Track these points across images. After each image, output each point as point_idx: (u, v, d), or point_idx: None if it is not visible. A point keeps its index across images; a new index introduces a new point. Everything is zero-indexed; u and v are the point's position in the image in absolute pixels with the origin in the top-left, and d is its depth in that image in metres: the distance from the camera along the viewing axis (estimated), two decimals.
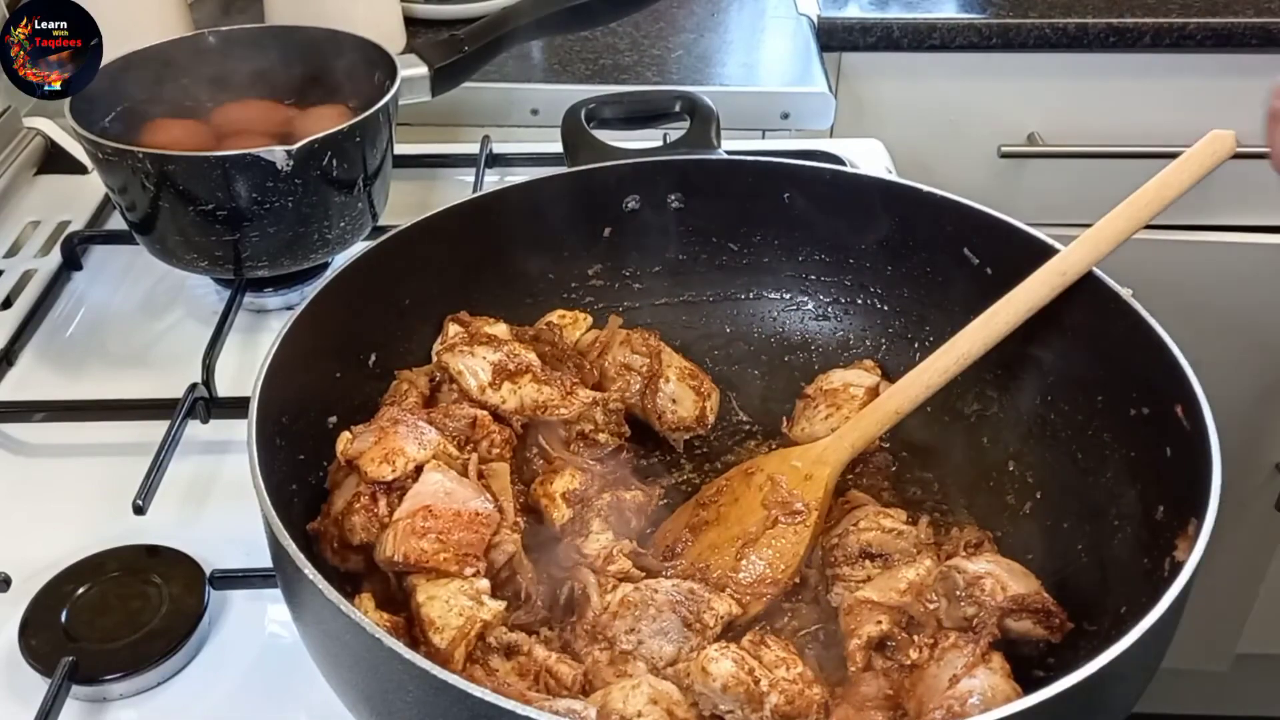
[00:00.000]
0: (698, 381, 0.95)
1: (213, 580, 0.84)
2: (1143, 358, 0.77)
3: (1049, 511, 0.84)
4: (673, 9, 1.74)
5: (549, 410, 0.86)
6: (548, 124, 1.43)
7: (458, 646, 0.68)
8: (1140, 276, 0.82)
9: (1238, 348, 1.82)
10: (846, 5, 1.77)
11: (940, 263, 0.94)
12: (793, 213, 0.98)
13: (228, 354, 1.06)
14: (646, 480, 0.91)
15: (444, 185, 1.37)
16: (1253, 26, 1.70)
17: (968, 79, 1.77)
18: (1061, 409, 0.86)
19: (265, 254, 1.08)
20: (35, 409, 1.02)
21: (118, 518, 0.88)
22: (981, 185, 1.76)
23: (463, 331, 0.90)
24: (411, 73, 1.17)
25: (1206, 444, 0.69)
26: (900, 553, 0.80)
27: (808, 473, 0.85)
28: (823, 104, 1.50)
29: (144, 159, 1.01)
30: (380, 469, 0.76)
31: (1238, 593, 2.13)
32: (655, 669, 0.71)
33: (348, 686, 0.66)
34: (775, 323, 1.02)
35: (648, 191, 0.99)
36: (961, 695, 0.67)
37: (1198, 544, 0.64)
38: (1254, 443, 1.97)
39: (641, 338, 0.94)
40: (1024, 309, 0.84)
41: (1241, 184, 1.66)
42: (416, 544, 0.72)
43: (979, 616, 0.72)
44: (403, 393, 0.87)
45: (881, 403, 0.87)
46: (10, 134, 1.39)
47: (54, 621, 0.80)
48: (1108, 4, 1.75)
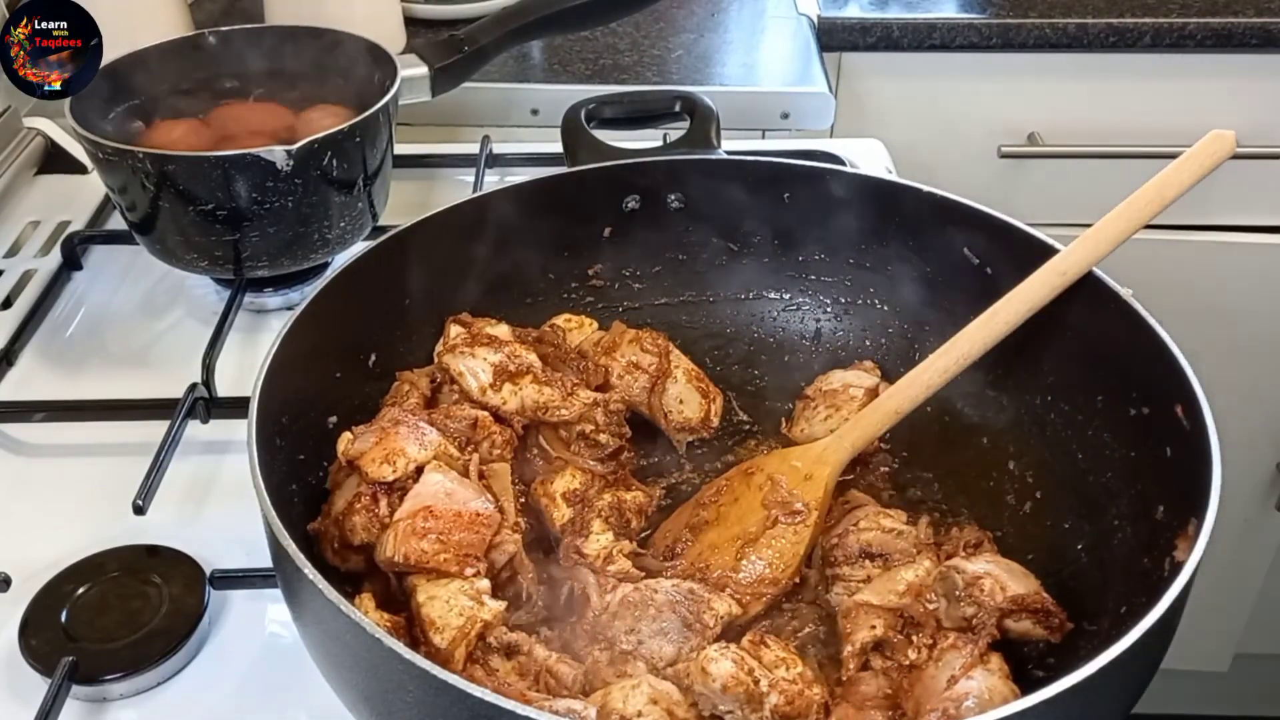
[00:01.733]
0: (704, 384, 0.95)
1: (213, 580, 0.84)
2: (1143, 358, 0.77)
3: (1049, 511, 0.84)
4: (673, 9, 1.74)
5: (550, 411, 0.86)
6: (548, 124, 1.43)
7: (458, 646, 0.68)
8: (1140, 276, 0.82)
9: (1238, 348, 1.82)
10: (846, 5, 1.77)
11: (940, 263, 0.94)
12: (793, 213, 0.98)
13: (228, 354, 1.06)
14: (647, 480, 0.91)
15: (444, 185, 1.37)
16: (1253, 26, 1.70)
17: (968, 79, 1.77)
18: (1061, 409, 0.86)
19: (265, 254, 1.08)
20: (35, 409, 1.02)
21: (118, 518, 0.88)
22: (981, 185, 1.76)
23: (464, 332, 0.90)
24: (411, 73, 1.17)
25: (1206, 444, 0.69)
26: (900, 553, 0.80)
27: (808, 473, 0.85)
28: (823, 104, 1.50)
29: (144, 159, 1.01)
30: (381, 469, 0.76)
31: (1238, 593, 2.13)
32: (655, 669, 0.71)
33: (348, 686, 0.66)
34: (775, 323, 1.02)
35: (648, 191, 0.99)
36: (958, 697, 0.67)
37: (1198, 544, 0.64)
38: (1254, 443, 1.97)
39: (650, 337, 0.94)
40: (1024, 309, 0.84)
41: (1241, 184, 1.66)
42: (417, 544, 0.72)
43: (978, 617, 0.72)
44: (404, 394, 0.87)
45: (881, 403, 0.87)
46: (10, 134, 1.39)
47: (54, 621, 0.80)
48: (1108, 4, 1.75)
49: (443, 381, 0.88)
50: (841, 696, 0.71)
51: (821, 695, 0.69)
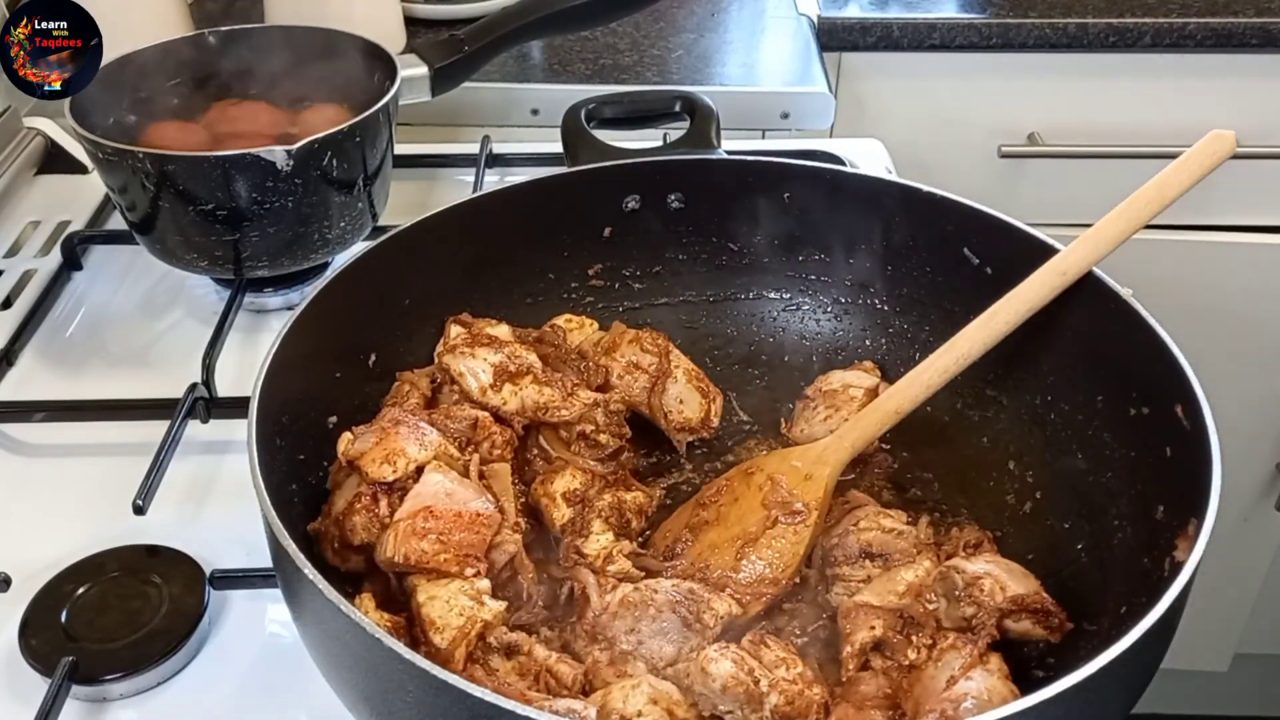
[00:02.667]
0: (704, 384, 0.95)
1: (213, 580, 0.84)
2: (1143, 358, 0.77)
3: (1049, 511, 0.84)
4: (673, 9, 1.74)
5: (550, 412, 0.86)
6: (548, 124, 1.43)
7: (458, 646, 0.68)
8: (1140, 276, 0.82)
9: (1238, 348, 1.83)
10: (846, 5, 1.77)
11: (940, 263, 0.94)
12: (793, 213, 0.98)
13: (228, 354, 1.06)
14: (647, 480, 0.91)
15: (444, 185, 1.37)
16: (1253, 26, 1.70)
17: (968, 79, 1.77)
18: (1061, 409, 0.86)
19: (265, 254, 1.08)
20: (35, 409, 1.02)
21: (118, 518, 0.88)
22: (981, 185, 1.76)
23: (464, 333, 0.90)
24: (411, 73, 1.17)
25: (1206, 444, 0.69)
26: (900, 553, 0.80)
27: (808, 473, 0.85)
28: (823, 104, 1.50)
29: (144, 159, 1.01)
30: (381, 469, 0.76)
31: (1238, 593, 2.13)
32: (655, 669, 0.71)
33: (348, 686, 0.66)
34: (775, 323, 1.02)
35: (648, 191, 0.99)
36: (957, 698, 0.67)
37: (1198, 544, 0.64)
38: (1254, 443, 1.97)
39: (650, 337, 0.94)
40: (1024, 309, 0.84)
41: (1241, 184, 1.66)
42: (417, 545, 0.72)
43: (978, 617, 0.72)
44: (404, 394, 0.87)
45: (881, 403, 0.87)
46: (10, 134, 1.39)
47: (54, 621, 0.80)
48: (1108, 4, 1.75)
49: (443, 382, 0.88)
50: (841, 696, 0.71)
51: (821, 695, 0.69)
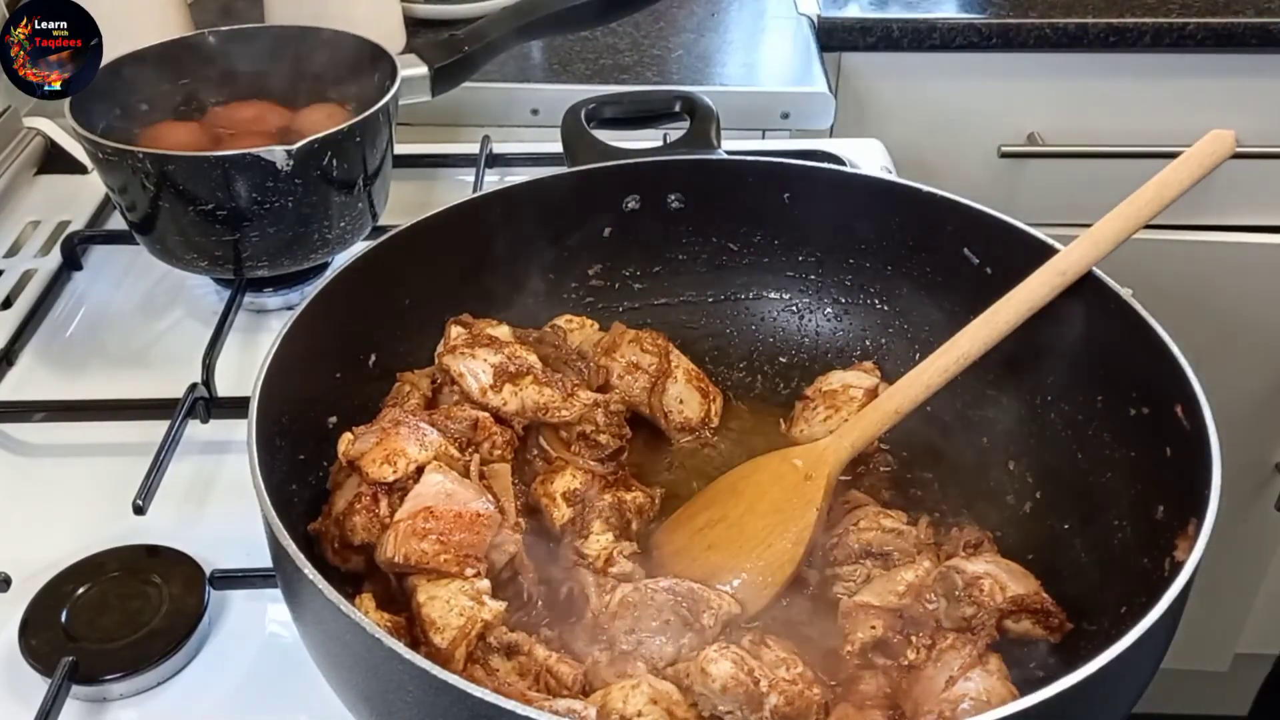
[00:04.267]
0: (704, 384, 0.95)
1: (213, 580, 0.84)
2: (1143, 358, 0.77)
3: (1049, 511, 0.84)
4: (673, 9, 1.74)
5: (550, 412, 0.86)
6: (548, 124, 1.43)
7: (458, 646, 0.68)
8: (1140, 276, 0.82)
9: (1238, 348, 1.82)
10: (846, 5, 1.77)
11: (940, 263, 0.94)
12: (793, 213, 0.98)
13: (228, 354, 1.06)
14: (647, 480, 0.91)
15: (444, 185, 1.37)
16: (1253, 26, 1.70)
17: (968, 79, 1.77)
18: (1061, 409, 0.86)
19: (265, 254, 1.08)
20: (35, 409, 1.02)
21: (118, 518, 0.88)
22: (981, 185, 1.76)
23: (465, 333, 0.90)
24: (411, 73, 1.17)
25: (1206, 444, 0.69)
26: (900, 553, 0.80)
27: (808, 473, 0.85)
28: (823, 104, 1.50)
29: (144, 159, 1.01)
30: (382, 470, 0.76)
31: (1237, 593, 2.13)
32: (655, 669, 0.71)
33: (348, 686, 0.66)
34: (775, 323, 1.02)
35: (648, 191, 0.99)
36: (955, 698, 0.67)
37: (1198, 544, 0.64)
38: (1254, 443, 1.97)
39: (650, 337, 0.95)
40: (1024, 309, 0.84)
41: (1241, 184, 1.67)
42: (417, 545, 0.72)
43: (978, 617, 0.72)
44: (404, 394, 0.87)
45: (881, 403, 0.87)
46: (10, 134, 1.39)
47: (54, 621, 0.80)
48: (1108, 4, 1.75)
49: (443, 382, 0.88)
50: (841, 696, 0.71)
51: (821, 695, 0.69)
